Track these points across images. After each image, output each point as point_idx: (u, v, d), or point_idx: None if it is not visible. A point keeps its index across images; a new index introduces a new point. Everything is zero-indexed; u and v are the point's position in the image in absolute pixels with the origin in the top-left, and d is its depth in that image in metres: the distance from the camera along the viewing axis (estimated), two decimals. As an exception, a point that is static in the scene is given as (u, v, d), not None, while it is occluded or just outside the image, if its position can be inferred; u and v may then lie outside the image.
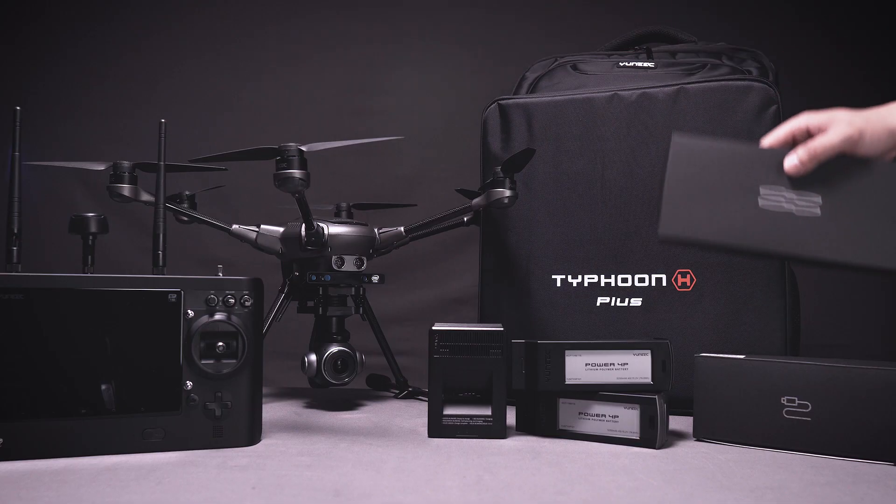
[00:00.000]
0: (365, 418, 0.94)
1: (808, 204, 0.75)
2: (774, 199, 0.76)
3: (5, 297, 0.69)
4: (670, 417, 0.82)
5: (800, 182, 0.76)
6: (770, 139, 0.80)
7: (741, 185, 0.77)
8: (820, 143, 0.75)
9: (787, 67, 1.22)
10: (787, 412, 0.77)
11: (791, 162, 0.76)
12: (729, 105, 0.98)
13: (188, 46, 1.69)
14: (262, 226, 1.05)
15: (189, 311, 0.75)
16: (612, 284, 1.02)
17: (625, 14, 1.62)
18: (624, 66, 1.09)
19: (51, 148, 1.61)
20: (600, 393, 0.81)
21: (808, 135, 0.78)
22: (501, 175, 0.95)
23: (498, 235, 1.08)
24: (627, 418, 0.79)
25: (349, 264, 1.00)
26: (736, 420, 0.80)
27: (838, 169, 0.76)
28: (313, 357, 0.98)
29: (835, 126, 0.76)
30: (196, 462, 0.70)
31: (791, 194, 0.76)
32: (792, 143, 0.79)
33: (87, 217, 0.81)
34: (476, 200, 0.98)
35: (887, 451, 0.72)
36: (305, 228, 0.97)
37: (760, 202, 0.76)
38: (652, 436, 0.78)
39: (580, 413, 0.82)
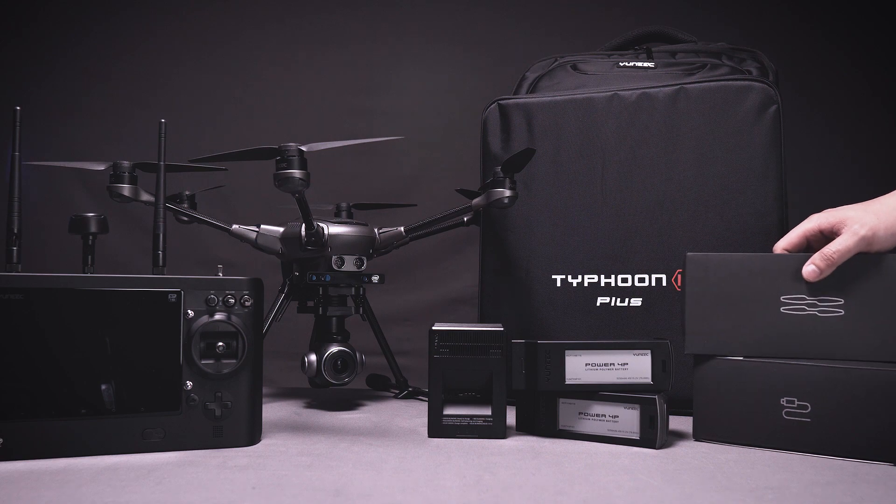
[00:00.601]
0: (365, 418, 0.94)
1: (831, 306, 0.76)
2: (797, 305, 0.77)
3: (5, 297, 0.69)
4: (670, 417, 0.82)
5: (820, 286, 0.77)
6: (784, 243, 0.82)
7: (762, 296, 0.80)
8: (835, 249, 0.76)
9: (787, 67, 1.22)
10: (787, 413, 0.77)
11: (809, 269, 0.77)
12: (729, 105, 0.98)
13: (188, 46, 1.69)
14: (262, 226, 1.05)
15: (189, 311, 0.75)
16: (612, 284, 1.02)
17: (625, 14, 1.62)
18: (624, 66, 1.09)
19: (51, 148, 1.61)
20: (600, 393, 0.81)
21: (821, 235, 0.79)
22: (501, 175, 0.95)
23: (498, 235, 1.08)
24: (627, 418, 0.79)
25: (349, 264, 1.00)
26: (736, 420, 0.80)
27: (857, 268, 0.77)
28: (313, 357, 0.98)
29: (847, 228, 0.77)
30: (196, 462, 0.70)
31: (813, 300, 0.77)
32: (805, 244, 0.80)
33: (87, 217, 0.81)
34: (476, 200, 0.98)
35: (887, 451, 0.72)
36: (305, 228, 0.97)
37: (783, 310, 0.78)
38: (652, 436, 0.78)
39: (580, 413, 0.82)
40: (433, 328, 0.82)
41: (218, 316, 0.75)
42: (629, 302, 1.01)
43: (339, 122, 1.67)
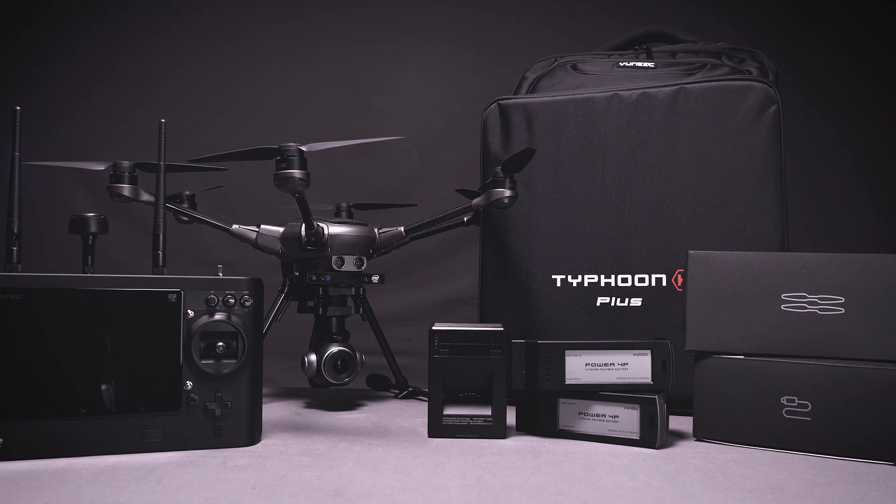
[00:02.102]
0: (365, 418, 0.94)
1: (832, 305, 0.77)
2: (797, 303, 0.78)
3: (5, 297, 0.69)
4: (670, 417, 0.82)
5: (821, 285, 0.77)
6: None
7: (763, 294, 0.80)
8: None
9: (787, 67, 1.22)
10: (787, 412, 0.77)
11: None
12: (729, 105, 0.98)
13: (188, 46, 1.69)
14: (262, 226, 1.05)
15: (189, 311, 0.75)
16: (612, 284, 1.02)
17: (625, 14, 1.62)
18: (624, 66, 1.09)
19: (51, 148, 1.61)
20: (600, 393, 0.81)
21: None
22: (501, 175, 0.95)
23: (498, 235, 1.08)
24: (627, 418, 0.79)
25: (349, 264, 1.00)
26: (736, 420, 0.80)
27: (858, 267, 0.77)
28: (313, 357, 0.98)
29: None
30: (196, 462, 0.70)
31: (813, 297, 0.78)
32: None
33: (87, 217, 0.81)
34: (476, 200, 0.98)
35: (887, 451, 0.72)
36: (305, 228, 0.97)
37: (783, 308, 0.78)
38: (652, 436, 0.78)
39: (580, 413, 0.82)
40: (433, 328, 0.82)
41: (218, 316, 0.75)
42: (629, 302, 1.01)
43: (339, 122, 1.67)
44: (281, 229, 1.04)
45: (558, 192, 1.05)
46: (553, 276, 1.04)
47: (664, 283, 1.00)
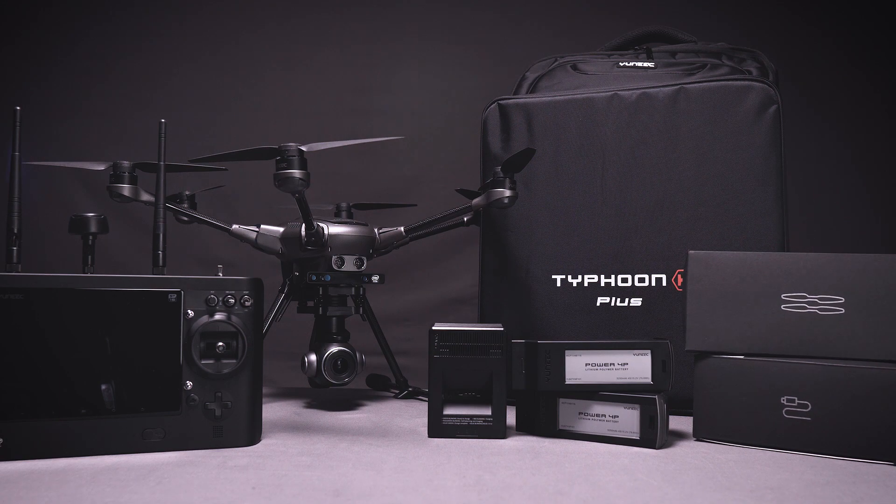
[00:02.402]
0: (365, 418, 0.94)
1: (832, 304, 0.77)
2: (797, 303, 0.78)
3: (5, 297, 0.69)
4: (670, 417, 0.82)
5: (821, 285, 0.78)
6: None
7: (763, 294, 0.80)
8: None
9: (787, 67, 1.22)
10: (787, 412, 0.77)
11: None
12: (729, 105, 0.98)
13: (188, 47, 1.69)
14: (262, 226, 1.05)
15: (189, 311, 0.75)
16: (612, 284, 1.02)
17: (625, 14, 1.62)
18: (624, 66, 1.09)
19: (51, 148, 1.61)
20: (600, 393, 0.81)
21: None
22: (501, 175, 0.95)
23: (498, 235, 1.08)
24: (627, 418, 0.79)
25: (349, 264, 1.00)
26: (736, 420, 0.80)
27: (858, 267, 0.77)
28: (313, 357, 0.98)
29: None
30: (196, 462, 0.70)
31: (814, 297, 0.78)
32: None
33: (87, 217, 0.81)
34: (476, 200, 0.98)
35: (887, 451, 0.72)
36: (305, 228, 0.97)
37: (783, 308, 0.78)
38: (652, 436, 0.78)
39: (580, 413, 0.82)
40: (433, 328, 0.82)
41: (218, 316, 0.75)
42: (629, 302, 1.01)
43: (339, 122, 1.67)
44: (281, 229, 1.04)
45: (558, 192, 1.05)
46: (553, 276, 1.04)
47: (664, 283, 1.00)
